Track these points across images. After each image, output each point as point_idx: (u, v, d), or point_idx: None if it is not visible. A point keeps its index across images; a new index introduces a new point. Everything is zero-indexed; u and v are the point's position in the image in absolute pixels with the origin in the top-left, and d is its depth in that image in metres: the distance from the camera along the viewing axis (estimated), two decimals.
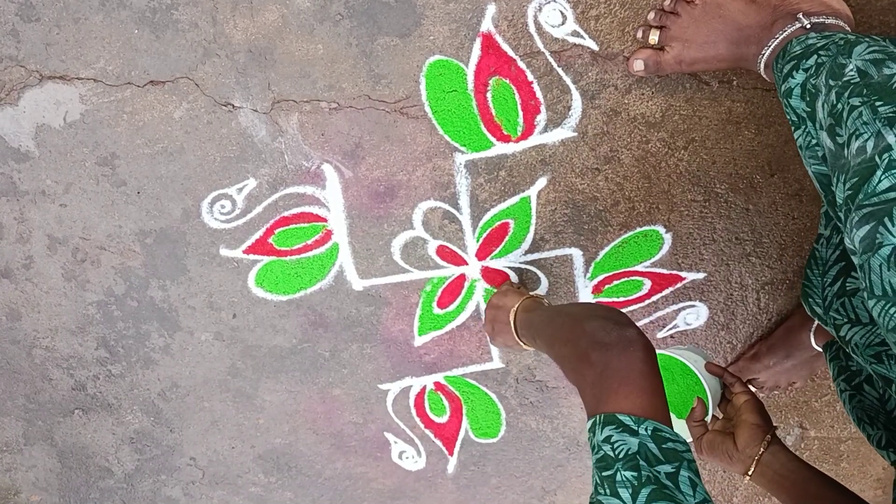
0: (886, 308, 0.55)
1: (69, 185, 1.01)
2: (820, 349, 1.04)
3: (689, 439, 0.94)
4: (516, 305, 0.94)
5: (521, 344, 0.93)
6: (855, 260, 0.59)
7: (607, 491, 0.57)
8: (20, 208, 1.03)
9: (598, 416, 0.61)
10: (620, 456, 0.58)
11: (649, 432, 0.59)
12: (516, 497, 1.30)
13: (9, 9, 0.91)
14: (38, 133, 0.98)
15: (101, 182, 1.01)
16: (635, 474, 0.56)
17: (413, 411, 1.20)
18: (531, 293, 1.01)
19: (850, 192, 0.59)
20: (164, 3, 0.91)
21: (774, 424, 0.90)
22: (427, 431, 1.23)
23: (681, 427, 0.96)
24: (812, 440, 1.25)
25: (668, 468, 0.57)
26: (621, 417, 0.59)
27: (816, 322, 1.04)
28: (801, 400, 1.21)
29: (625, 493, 0.56)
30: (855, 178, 0.59)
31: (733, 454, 0.87)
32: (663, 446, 0.58)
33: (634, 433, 0.59)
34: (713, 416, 0.95)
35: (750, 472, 0.86)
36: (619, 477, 0.57)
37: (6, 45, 0.93)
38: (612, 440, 0.59)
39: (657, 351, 0.94)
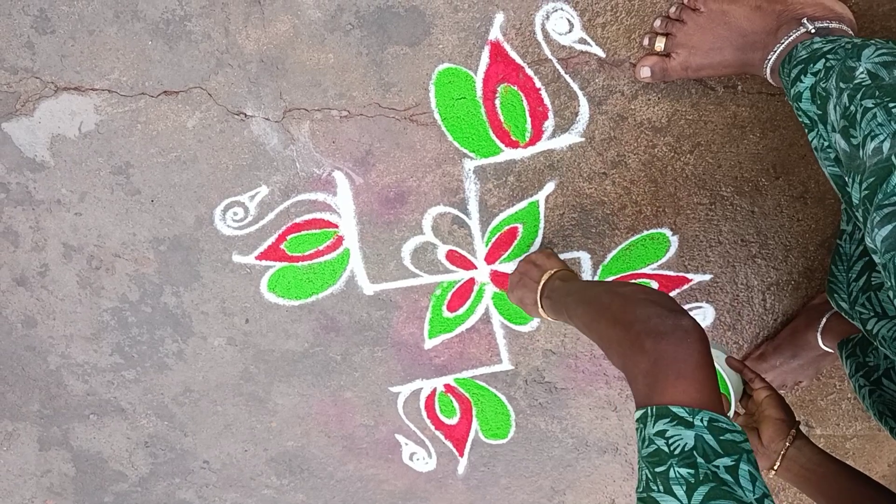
0: None
1: (84, 194, 1.03)
2: (826, 349, 1.06)
3: None
4: (555, 270, 0.93)
5: (539, 306, 0.91)
6: (876, 259, 0.60)
7: (660, 488, 0.55)
8: (35, 217, 1.05)
9: (650, 409, 0.59)
10: (676, 452, 0.56)
11: (705, 423, 0.57)
12: (526, 497, 1.31)
13: (24, 21, 0.92)
14: (53, 143, 0.99)
15: (116, 191, 1.02)
16: (692, 472, 0.55)
17: (423, 413, 1.22)
18: (569, 268, 0.99)
19: (867, 192, 0.60)
20: (177, 15, 0.92)
21: (798, 419, 0.90)
22: (437, 433, 1.24)
23: None
24: (818, 438, 1.26)
25: (727, 461, 0.55)
26: (675, 410, 0.58)
27: (823, 322, 1.05)
28: (807, 399, 1.22)
29: (679, 491, 0.54)
30: (871, 178, 0.60)
31: (758, 449, 0.88)
32: (721, 438, 0.56)
33: (690, 425, 0.57)
34: (735, 411, 0.96)
35: (776, 468, 0.86)
36: (672, 473, 0.55)
37: (22, 57, 0.94)
38: (666, 434, 0.57)
39: None
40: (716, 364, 0.93)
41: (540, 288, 0.91)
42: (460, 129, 0.99)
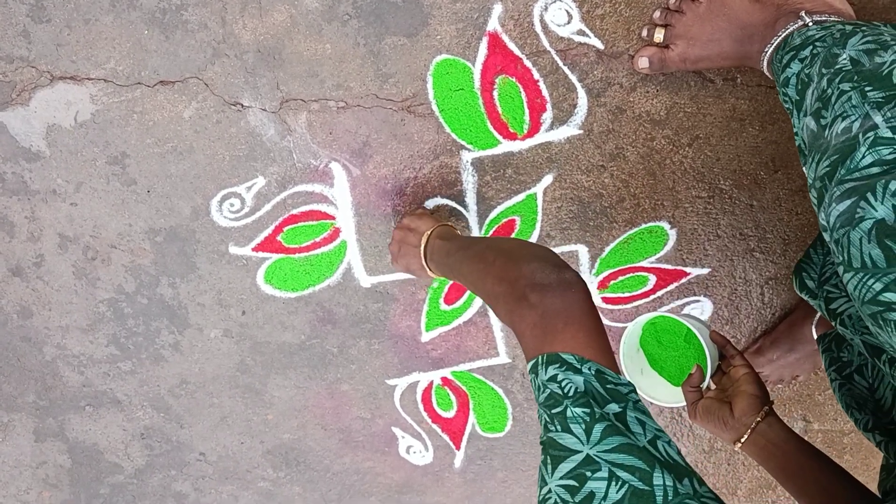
0: (864, 280, 0.56)
1: (80, 185, 1.02)
2: None
3: (684, 404, 0.95)
4: (431, 230, 0.93)
5: (428, 270, 0.92)
6: (827, 237, 0.60)
7: (558, 427, 0.57)
8: (31, 207, 1.04)
9: (540, 357, 0.61)
10: (570, 393, 0.58)
11: (592, 372, 0.59)
12: (522, 491, 1.31)
13: (20, 10, 0.92)
14: (48, 133, 0.99)
15: (112, 181, 1.02)
16: (587, 411, 0.56)
17: (420, 406, 1.22)
18: (446, 222, 0.99)
19: (827, 168, 0.61)
20: (173, 4, 0.92)
21: (771, 399, 0.91)
22: (434, 426, 1.24)
23: (675, 392, 0.97)
24: (815, 433, 1.26)
25: (615, 407, 0.57)
26: (564, 356, 0.60)
27: (818, 316, 1.05)
28: (805, 393, 1.22)
29: (578, 429, 0.56)
30: (835, 155, 0.60)
31: (728, 421, 0.88)
32: (607, 386, 0.59)
33: (578, 371, 0.59)
34: (706, 386, 0.96)
35: (742, 440, 0.87)
36: (569, 413, 0.57)
37: (17, 46, 0.94)
38: (557, 378, 0.59)
39: (667, 314, 0.96)
40: (699, 336, 0.94)
41: (422, 251, 0.92)
42: (458, 121, 0.99)
